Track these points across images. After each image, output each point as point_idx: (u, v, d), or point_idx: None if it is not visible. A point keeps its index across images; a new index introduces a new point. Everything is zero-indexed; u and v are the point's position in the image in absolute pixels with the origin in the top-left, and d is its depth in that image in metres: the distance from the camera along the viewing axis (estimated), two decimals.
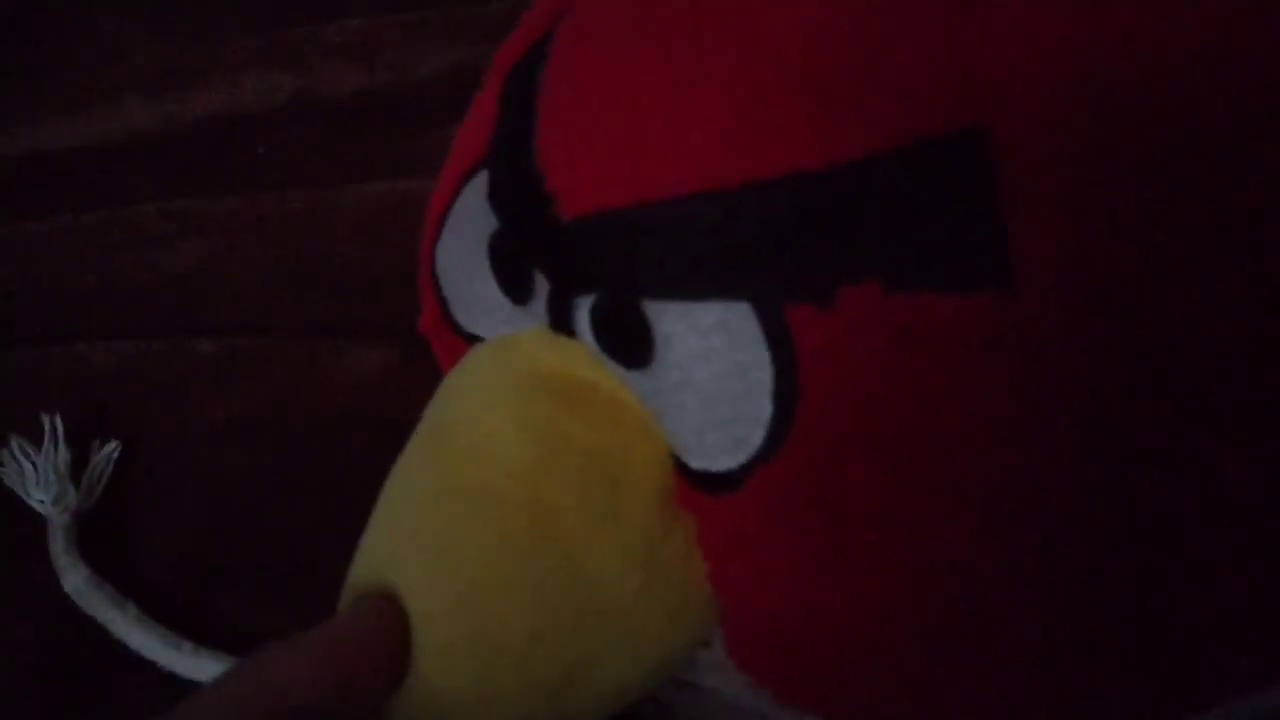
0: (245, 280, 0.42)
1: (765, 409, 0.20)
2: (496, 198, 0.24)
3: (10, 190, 0.46)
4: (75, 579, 0.33)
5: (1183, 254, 0.18)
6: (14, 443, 0.36)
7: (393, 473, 0.24)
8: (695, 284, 0.20)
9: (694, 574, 0.22)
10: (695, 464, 0.21)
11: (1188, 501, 0.19)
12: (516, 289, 0.24)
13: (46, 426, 0.36)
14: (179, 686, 0.31)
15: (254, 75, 0.48)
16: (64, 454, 0.36)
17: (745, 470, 0.20)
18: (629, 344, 0.21)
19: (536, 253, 0.23)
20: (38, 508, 0.35)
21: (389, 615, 0.21)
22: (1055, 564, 0.19)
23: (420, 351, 0.39)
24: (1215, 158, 0.19)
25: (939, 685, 0.21)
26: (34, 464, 0.36)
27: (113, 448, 0.37)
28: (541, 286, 0.23)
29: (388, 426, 0.25)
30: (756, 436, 0.20)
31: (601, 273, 0.22)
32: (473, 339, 0.26)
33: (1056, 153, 0.18)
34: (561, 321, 0.23)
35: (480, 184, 0.25)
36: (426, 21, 0.49)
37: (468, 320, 0.26)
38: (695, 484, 0.21)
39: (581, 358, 0.23)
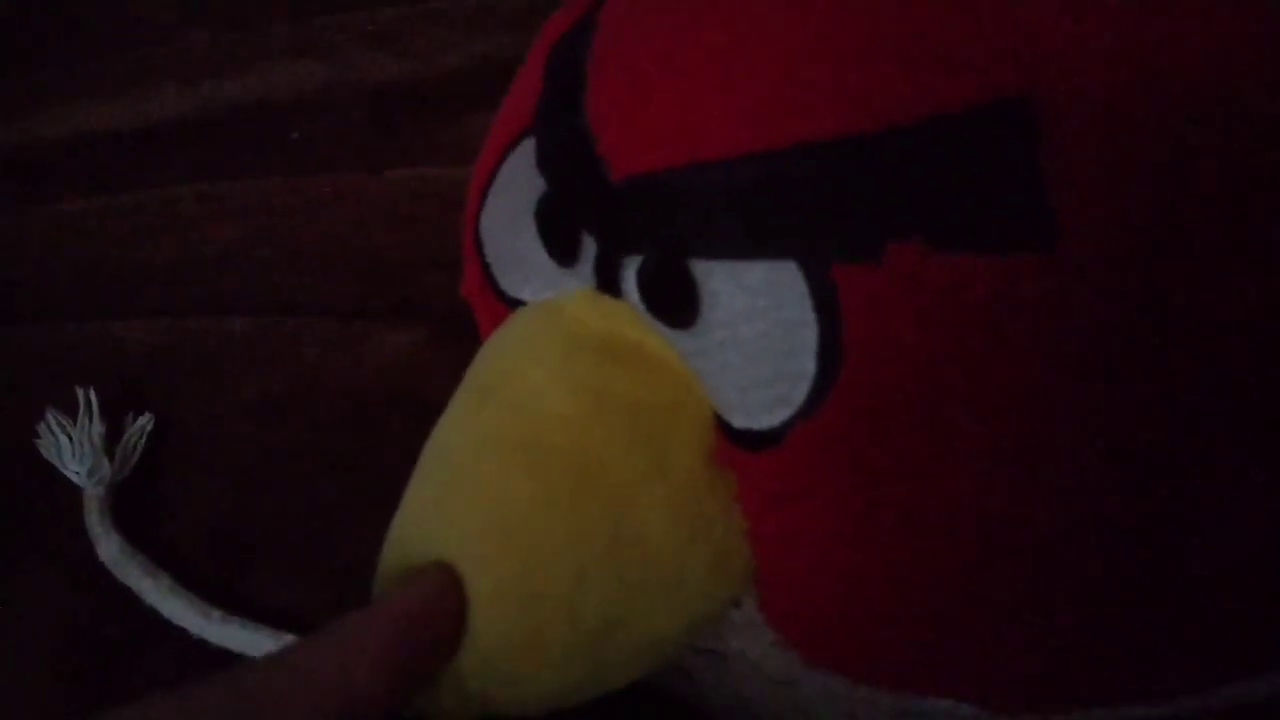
0: (277, 262, 0.43)
1: (809, 366, 0.20)
2: (546, 160, 0.25)
3: (50, 172, 0.47)
4: (109, 548, 0.34)
5: (1218, 228, 0.19)
6: (50, 416, 0.37)
7: (435, 430, 0.24)
8: (744, 243, 0.21)
9: (733, 531, 0.22)
10: (738, 422, 0.22)
11: (1226, 463, 0.19)
12: (563, 251, 0.24)
13: (81, 400, 0.37)
14: (210, 654, 0.32)
15: (288, 63, 0.48)
16: (98, 427, 0.37)
17: (786, 427, 0.21)
18: (676, 304, 0.22)
19: (585, 214, 0.23)
20: (74, 479, 0.36)
21: (447, 586, 0.22)
22: (1095, 524, 0.20)
23: (447, 333, 0.39)
24: (1257, 139, 0.19)
25: (970, 647, 0.21)
26: (70, 436, 0.37)
27: (145, 421, 0.38)
28: (588, 248, 0.23)
29: (415, 406, 0.26)
30: (799, 394, 0.21)
31: (650, 233, 0.22)
32: (515, 304, 0.26)
33: (1099, 124, 0.19)
34: (608, 282, 0.23)
35: (526, 150, 0.25)
36: (455, 11, 0.50)
37: (511, 285, 0.27)
38: (736, 442, 0.22)
39: (627, 318, 0.23)
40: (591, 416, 0.22)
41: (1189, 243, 0.19)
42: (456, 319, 0.30)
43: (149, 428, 0.38)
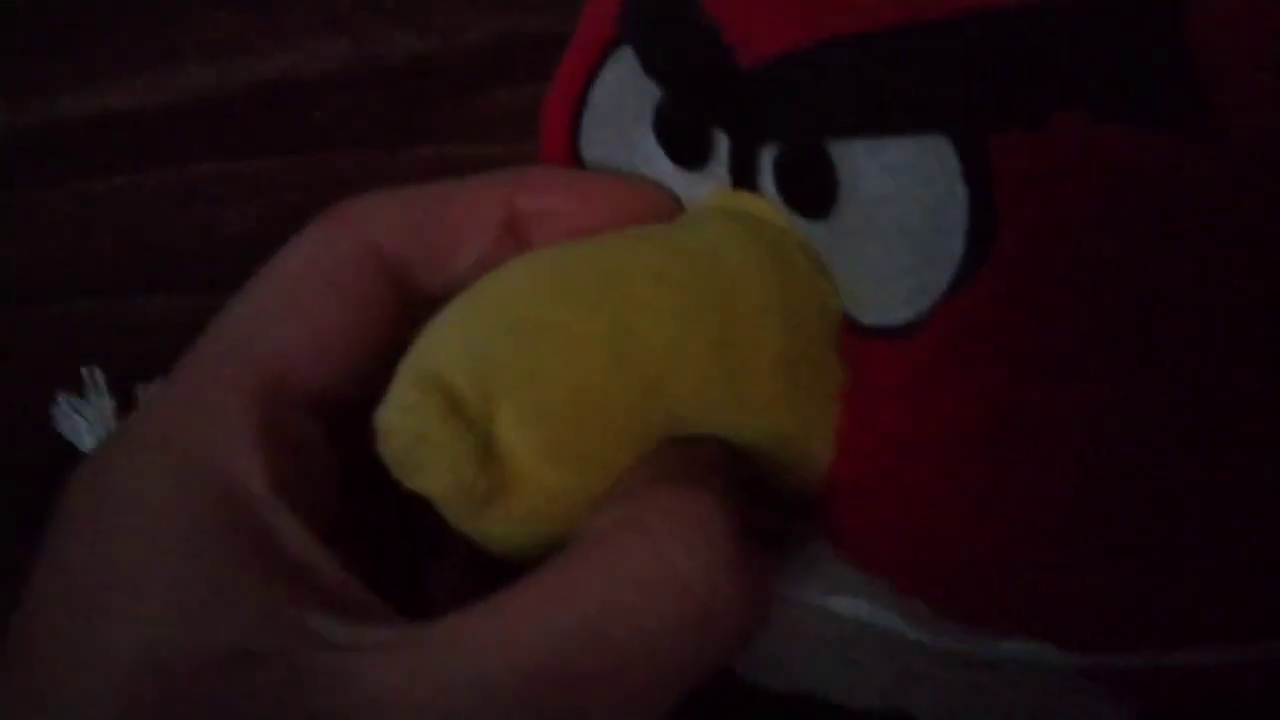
0: None
1: (956, 247, 0.19)
2: (660, 61, 0.23)
3: (73, 151, 0.47)
4: None
5: None
6: (61, 400, 0.37)
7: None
8: (890, 119, 0.20)
9: (824, 422, 0.21)
10: (870, 319, 0.21)
11: None
12: (691, 153, 0.23)
13: (87, 380, 0.38)
14: None
15: (310, 41, 0.48)
16: (109, 402, 0.37)
17: (924, 317, 0.20)
18: (815, 190, 0.21)
19: (715, 108, 0.22)
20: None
21: None
22: (1243, 434, 0.19)
23: None
24: None
25: (1078, 572, 0.20)
26: (84, 416, 0.37)
27: (156, 388, 0.38)
28: (719, 146, 0.22)
29: None
30: (941, 281, 0.19)
31: (790, 116, 0.21)
32: None
33: (1254, 13, 0.19)
34: (745, 178, 0.22)
35: (620, 65, 0.24)
36: None
37: None
38: (865, 336, 0.21)
39: (768, 214, 0.22)
40: (734, 236, 0.21)
41: None
42: None
43: None
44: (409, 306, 0.21)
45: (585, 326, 0.19)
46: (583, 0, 0.27)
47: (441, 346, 0.19)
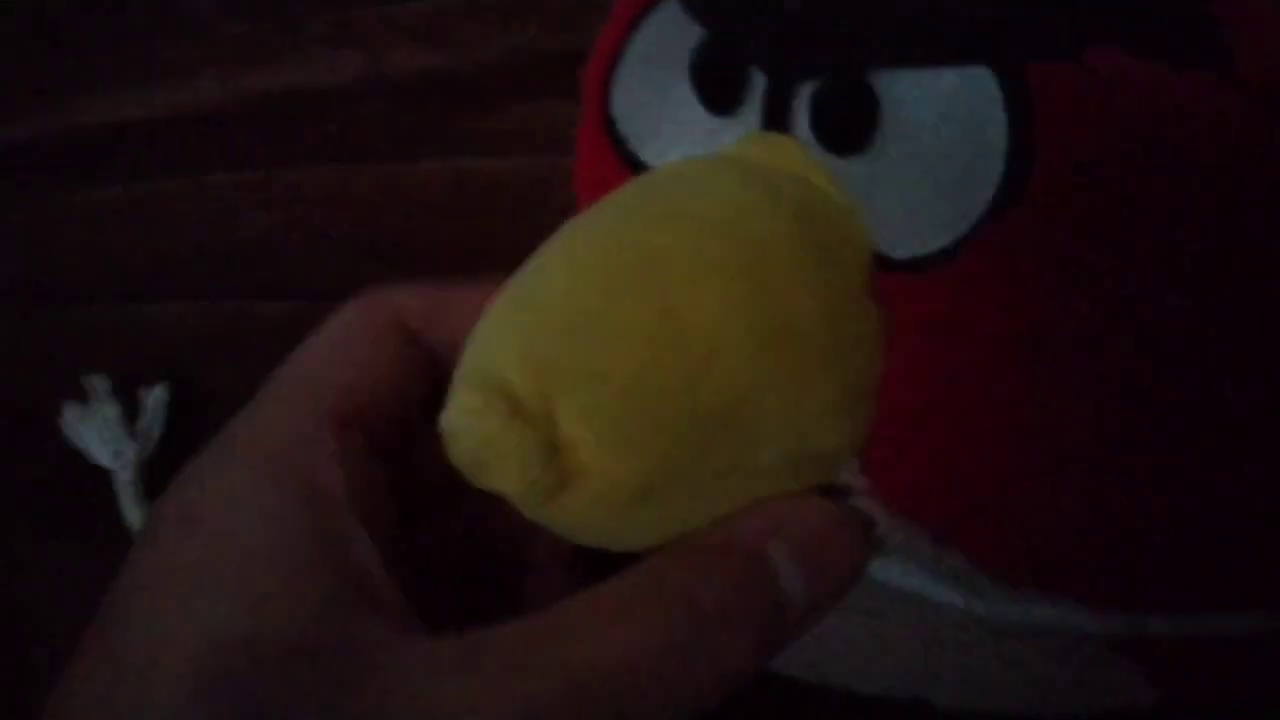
0: (311, 250, 0.43)
1: (995, 173, 0.20)
2: (706, 5, 0.24)
3: (90, 158, 0.48)
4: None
5: None
6: (68, 411, 0.38)
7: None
8: (936, 49, 0.20)
9: (869, 369, 0.21)
10: (903, 253, 0.21)
11: None
12: (726, 96, 0.23)
13: (95, 388, 0.38)
14: None
15: (325, 53, 0.49)
16: (115, 409, 0.37)
17: (962, 242, 0.20)
18: (856, 122, 0.21)
19: (757, 46, 0.22)
20: (105, 463, 0.37)
21: None
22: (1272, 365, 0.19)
23: None
24: None
25: (1121, 520, 0.20)
26: (90, 425, 0.37)
27: (160, 392, 0.38)
28: (753, 89, 0.23)
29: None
30: (979, 206, 0.20)
31: (834, 49, 0.21)
32: None
33: None
34: (777, 118, 0.22)
35: (660, 17, 0.25)
36: (489, 5, 0.50)
37: (655, 154, 0.25)
38: (896, 270, 0.21)
39: (793, 153, 0.22)
40: (761, 202, 0.21)
41: None
42: None
43: (165, 399, 0.38)
44: (431, 366, 0.24)
45: (631, 316, 0.20)
46: (596, 17, 0.27)
47: (496, 347, 0.20)
